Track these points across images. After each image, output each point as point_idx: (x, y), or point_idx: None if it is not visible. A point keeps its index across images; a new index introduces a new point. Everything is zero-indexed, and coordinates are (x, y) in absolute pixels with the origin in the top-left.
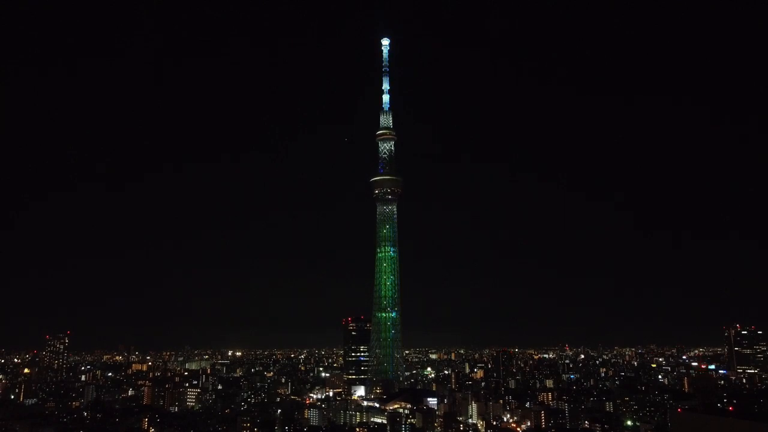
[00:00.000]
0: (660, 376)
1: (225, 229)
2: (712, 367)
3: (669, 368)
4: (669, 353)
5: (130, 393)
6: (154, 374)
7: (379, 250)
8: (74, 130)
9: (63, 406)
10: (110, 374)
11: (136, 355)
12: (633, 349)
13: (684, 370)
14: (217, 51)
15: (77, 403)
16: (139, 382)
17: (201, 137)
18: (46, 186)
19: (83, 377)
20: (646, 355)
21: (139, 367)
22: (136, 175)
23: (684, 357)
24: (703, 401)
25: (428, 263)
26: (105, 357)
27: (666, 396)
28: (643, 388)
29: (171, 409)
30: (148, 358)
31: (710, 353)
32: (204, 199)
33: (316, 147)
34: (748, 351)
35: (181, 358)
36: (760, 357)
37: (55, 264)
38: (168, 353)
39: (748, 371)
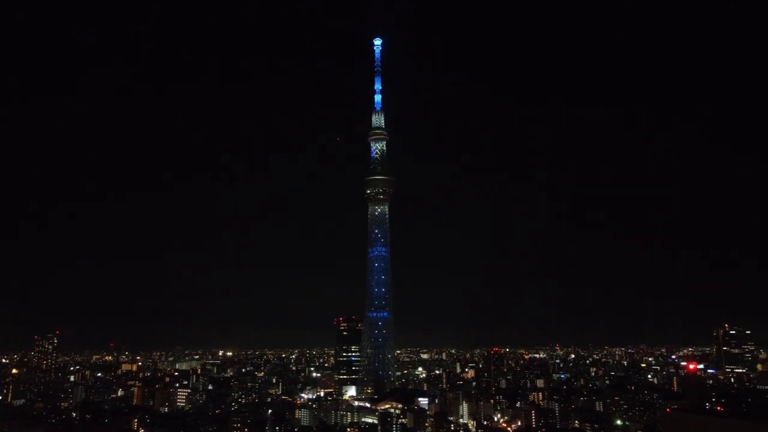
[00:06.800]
0: (650, 376)
1: (220, 234)
2: (701, 366)
3: (658, 368)
4: (658, 353)
5: (119, 393)
6: (144, 374)
7: (370, 250)
8: (77, 137)
9: (52, 406)
10: (99, 374)
11: (126, 355)
12: (623, 349)
13: (673, 370)
14: (220, 59)
15: (66, 404)
16: (129, 383)
17: (199, 148)
18: (55, 193)
19: (72, 377)
20: (635, 355)
21: (128, 367)
22: (138, 185)
23: (673, 356)
24: (692, 401)
25: (420, 263)
26: (94, 357)
27: (655, 395)
28: (633, 387)
29: (161, 409)
30: (138, 358)
31: (699, 353)
32: (202, 208)
33: (315, 151)
34: (737, 351)
35: (171, 358)
36: (748, 357)
37: (51, 267)
38: (158, 353)
39: (737, 371)
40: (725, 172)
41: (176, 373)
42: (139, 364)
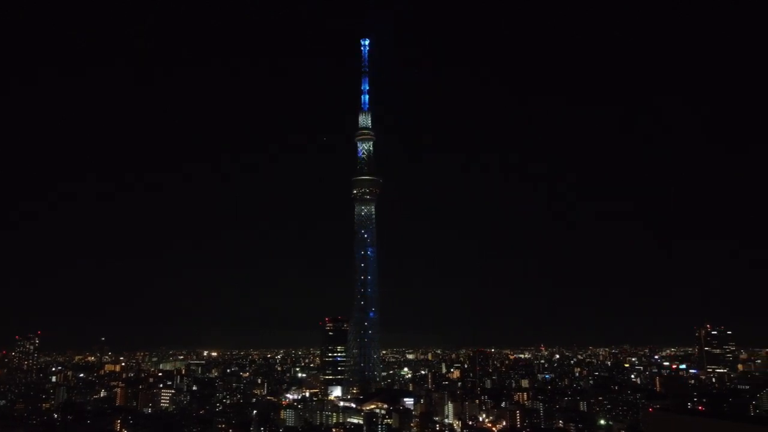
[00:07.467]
0: (633, 376)
1: (206, 234)
2: (683, 366)
3: (641, 368)
4: (642, 353)
5: (102, 394)
6: (127, 375)
7: (357, 250)
8: (69, 134)
9: (33, 407)
10: (82, 375)
11: (109, 355)
12: (607, 349)
13: (656, 370)
14: (217, 54)
15: (47, 405)
16: (112, 383)
17: (199, 148)
18: (54, 193)
19: (54, 378)
20: (619, 355)
21: (111, 367)
22: (138, 185)
23: (656, 357)
24: (674, 401)
25: (406, 263)
26: (77, 357)
27: (638, 395)
28: (617, 387)
29: (144, 410)
30: (122, 358)
31: (681, 353)
32: (188, 208)
33: (315, 151)
34: (718, 351)
35: (155, 359)
36: (729, 357)
37: (46, 267)
38: (142, 354)
39: (718, 371)
40: (721, 173)
41: (160, 374)
42: (123, 364)
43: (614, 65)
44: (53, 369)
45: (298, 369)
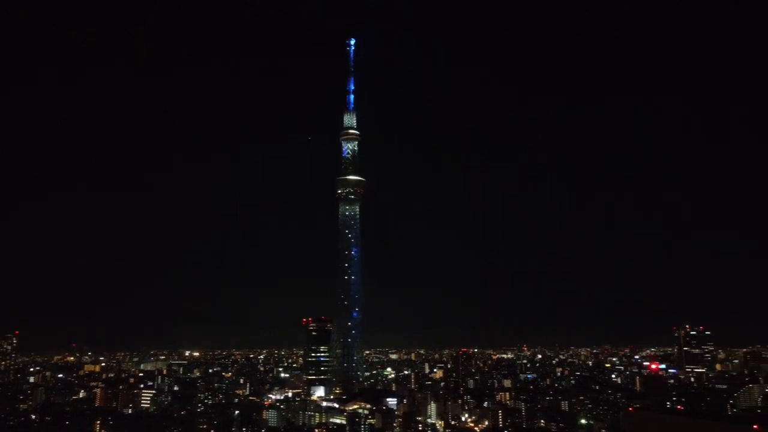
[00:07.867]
0: (613, 376)
1: (203, 234)
2: (663, 366)
3: (622, 368)
4: (622, 353)
5: (81, 395)
6: (107, 375)
7: (340, 250)
8: (68, 134)
9: (10, 409)
10: (61, 375)
11: (89, 355)
12: (588, 349)
13: (636, 370)
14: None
15: (25, 406)
16: (92, 384)
17: (198, 148)
18: (52, 193)
19: (32, 379)
20: (600, 355)
21: (91, 368)
22: (136, 184)
23: (636, 357)
24: (654, 400)
25: (389, 263)
26: (56, 358)
27: (619, 395)
28: (598, 387)
29: (125, 411)
30: (102, 359)
31: (661, 353)
32: (187, 207)
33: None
34: (697, 351)
35: (136, 359)
36: (708, 357)
37: (36, 269)
38: (122, 354)
39: (697, 370)
40: (722, 173)
41: (141, 374)
42: (103, 364)
43: (614, 65)
44: (32, 369)
45: (280, 369)
